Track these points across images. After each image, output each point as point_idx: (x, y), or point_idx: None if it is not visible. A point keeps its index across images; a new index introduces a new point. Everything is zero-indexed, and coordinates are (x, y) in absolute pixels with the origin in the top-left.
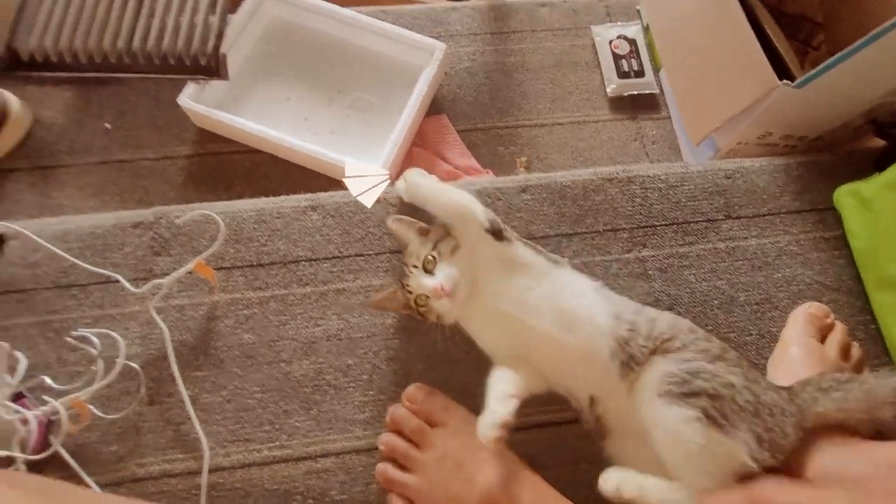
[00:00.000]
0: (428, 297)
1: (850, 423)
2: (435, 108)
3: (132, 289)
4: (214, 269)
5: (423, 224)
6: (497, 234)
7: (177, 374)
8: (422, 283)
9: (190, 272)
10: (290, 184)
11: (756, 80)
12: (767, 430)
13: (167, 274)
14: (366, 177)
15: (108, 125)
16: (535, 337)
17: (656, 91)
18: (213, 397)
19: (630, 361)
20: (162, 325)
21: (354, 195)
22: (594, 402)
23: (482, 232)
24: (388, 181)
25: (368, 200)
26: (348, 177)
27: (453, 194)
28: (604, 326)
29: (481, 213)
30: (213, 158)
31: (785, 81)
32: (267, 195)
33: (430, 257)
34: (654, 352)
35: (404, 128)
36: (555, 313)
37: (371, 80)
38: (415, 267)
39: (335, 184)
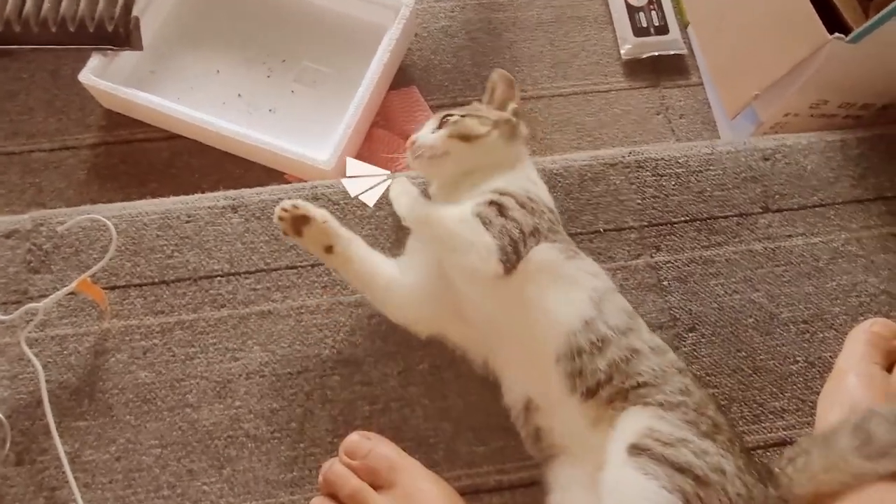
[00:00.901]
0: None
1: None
2: (403, 78)
3: None
4: (106, 288)
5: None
6: (515, 262)
7: (52, 424)
8: (424, 127)
9: (73, 293)
10: (220, 177)
11: (802, 35)
12: None
13: (46, 296)
14: (310, 167)
15: None
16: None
17: (684, 51)
18: (99, 454)
19: (577, 378)
20: (35, 361)
21: (287, 192)
22: (530, 409)
23: None
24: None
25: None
26: (310, 169)
27: (444, 228)
28: (563, 324)
29: (493, 255)
30: (123, 147)
31: (837, 35)
32: (190, 190)
33: (447, 119)
34: (620, 393)
35: (361, 104)
36: (516, 291)
37: (322, 46)
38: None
39: (275, 176)
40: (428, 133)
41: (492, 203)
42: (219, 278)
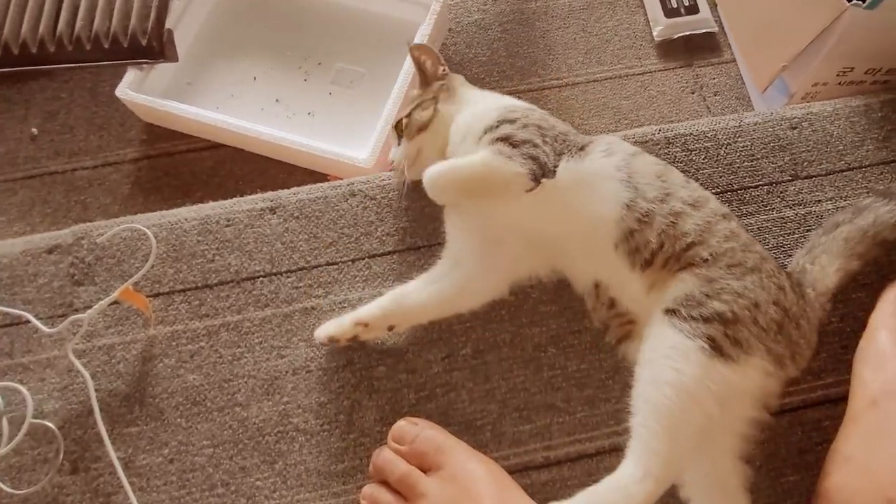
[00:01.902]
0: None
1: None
2: None
3: (45, 329)
4: (150, 295)
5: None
6: (546, 175)
7: (103, 432)
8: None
9: (116, 303)
10: (263, 182)
11: (821, 5)
12: (791, 344)
13: (91, 307)
14: (350, 166)
15: (34, 130)
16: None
17: (715, 29)
18: (152, 458)
19: (634, 255)
20: (83, 371)
21: (324, 190)
22: (600, 287)
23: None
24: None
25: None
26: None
27: (468, 167)
28: (609, 216)
29: (519, 170)
30: (165, 160)
31: (854, 2)
32: (234, 197)
33: (402, 123)
34: (672, 257)
35: (398, 101)
36: (560, 207)
37: (356, 46)
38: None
39: (318, 178)
40: (396, 148)
41: (497, 140)
42: (261, 279)
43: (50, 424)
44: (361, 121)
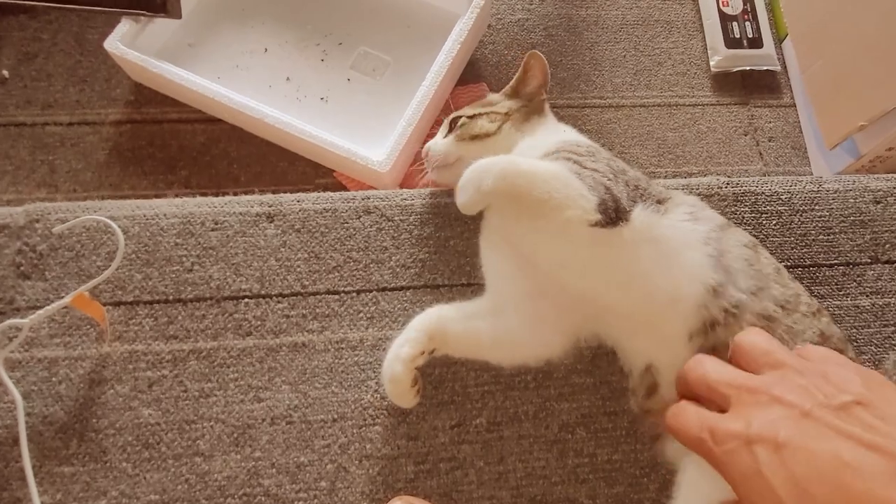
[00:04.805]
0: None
1: None
2: (472, 73)
3: None
4: (109, 303)
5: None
6: (615, 219)
7: (28, 468)
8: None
9: (67, 308)
10: (261, 169)
11: None
12: None
13: (36, 308)
14: (363, 167)
15: (5, 72)
16: (580, 284)
17: (777, 68)
18: None
19: (711, 352)
20: (13, 389)
21: (333, 201)
22: (650, 371)
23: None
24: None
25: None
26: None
27: (532, 169)
28: (688, 296)
29: (586, 194)
30: (152, 127)
31: None
32: (225, 181)
33: (462, 121)
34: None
35: (425, 99)
36: (626, 269)
37: (385, 30)
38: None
39: (323, 172)
40: (439, 140)
41: (567, 159)
42: (246, 300)
43: None
44: (381, 116)
